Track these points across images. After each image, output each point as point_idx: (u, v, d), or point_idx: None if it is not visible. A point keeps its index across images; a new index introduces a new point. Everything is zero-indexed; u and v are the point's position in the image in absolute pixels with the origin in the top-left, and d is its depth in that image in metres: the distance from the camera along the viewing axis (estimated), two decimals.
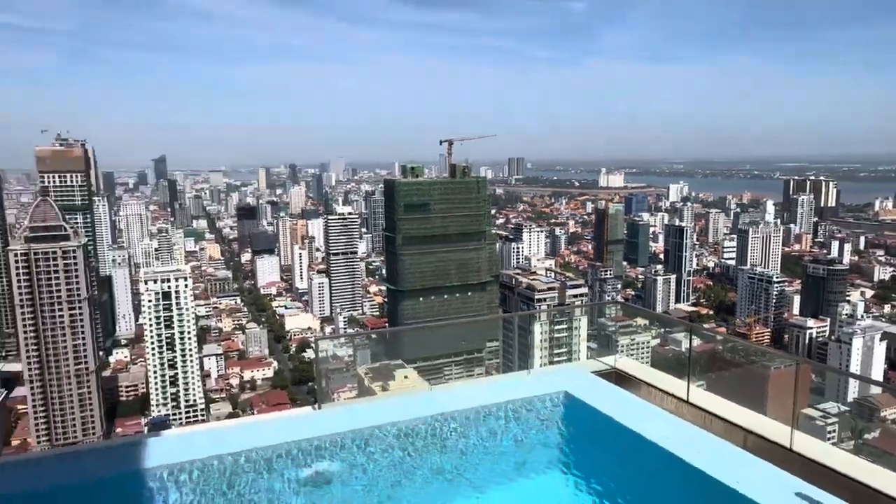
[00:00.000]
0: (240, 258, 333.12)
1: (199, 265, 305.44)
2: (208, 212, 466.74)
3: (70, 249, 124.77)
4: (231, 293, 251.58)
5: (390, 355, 58.87)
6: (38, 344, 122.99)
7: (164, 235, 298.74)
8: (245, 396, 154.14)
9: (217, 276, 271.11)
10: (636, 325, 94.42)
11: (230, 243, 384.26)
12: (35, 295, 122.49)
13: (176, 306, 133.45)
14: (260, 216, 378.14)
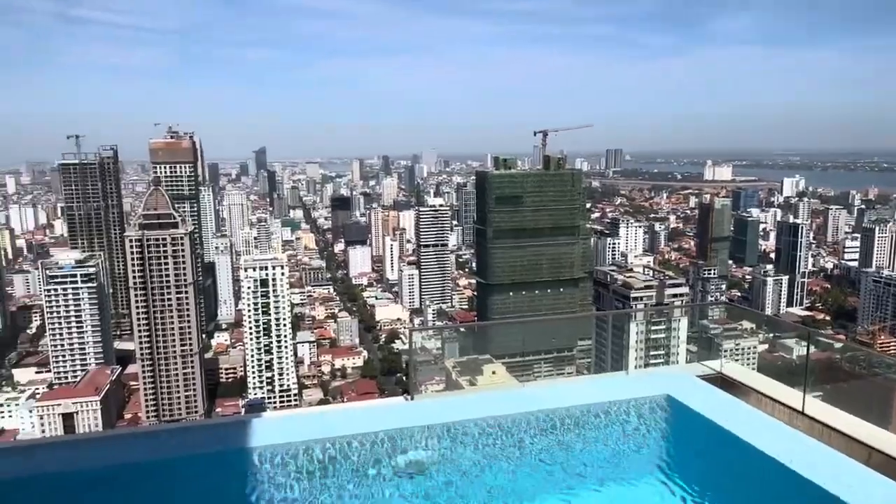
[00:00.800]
0: (333, 248, 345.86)
1: (294, 254, 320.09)
2: (304, 202, 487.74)
3: (178, 236, 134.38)
4: (324, 282, 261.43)
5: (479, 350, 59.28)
6: (149, 325, 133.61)
7: (262, 225, 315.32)
8: (335, 384, 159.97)
9: (311, 265, 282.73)
10: (741, 329, 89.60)
11: (324, 233, 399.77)
12: (147, 278, 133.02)
13: (273, 293, 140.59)
14: (353, 207, 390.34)
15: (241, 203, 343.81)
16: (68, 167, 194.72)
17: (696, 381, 10.77)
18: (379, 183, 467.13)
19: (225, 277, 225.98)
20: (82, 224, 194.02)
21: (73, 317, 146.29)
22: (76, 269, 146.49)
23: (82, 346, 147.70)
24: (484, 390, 10.94)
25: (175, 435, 8.50)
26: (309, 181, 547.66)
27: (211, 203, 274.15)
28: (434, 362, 42.58)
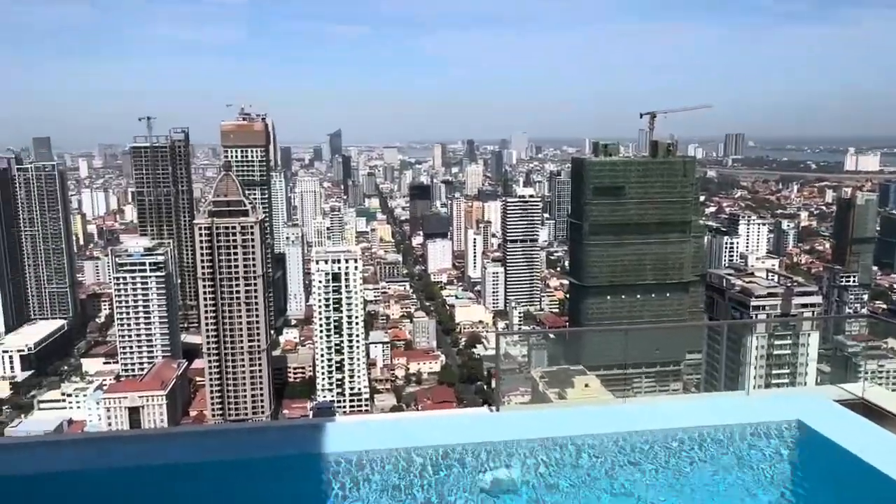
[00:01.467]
0: (410, 241, 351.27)
1: (369, 246, 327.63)
2: (381, 190, 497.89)
3: (248, 225, 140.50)
4: (400, 278, 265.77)
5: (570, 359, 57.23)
6: (217, 318, 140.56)
7: (336, 214, 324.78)
8: (410, 390, 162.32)
9: (387, 259, 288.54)
10: (886, 348, 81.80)
11: (401, 224, 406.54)
12: (216, 269, 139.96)
13: (345, 289, 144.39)
14: (434, 196, 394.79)
15: (313, 190, 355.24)
16: (139, 150, 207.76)
17: (833, 406, 10.12)
18: (462, 170, 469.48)
19: (295, 270, 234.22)
20: (152, 210, 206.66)
21: (140, 307, 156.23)
22: (145, 257, 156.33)
23: (150, 338, 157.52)
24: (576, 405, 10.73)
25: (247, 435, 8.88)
26: (386, 167, 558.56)
27: (282, 190, 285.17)
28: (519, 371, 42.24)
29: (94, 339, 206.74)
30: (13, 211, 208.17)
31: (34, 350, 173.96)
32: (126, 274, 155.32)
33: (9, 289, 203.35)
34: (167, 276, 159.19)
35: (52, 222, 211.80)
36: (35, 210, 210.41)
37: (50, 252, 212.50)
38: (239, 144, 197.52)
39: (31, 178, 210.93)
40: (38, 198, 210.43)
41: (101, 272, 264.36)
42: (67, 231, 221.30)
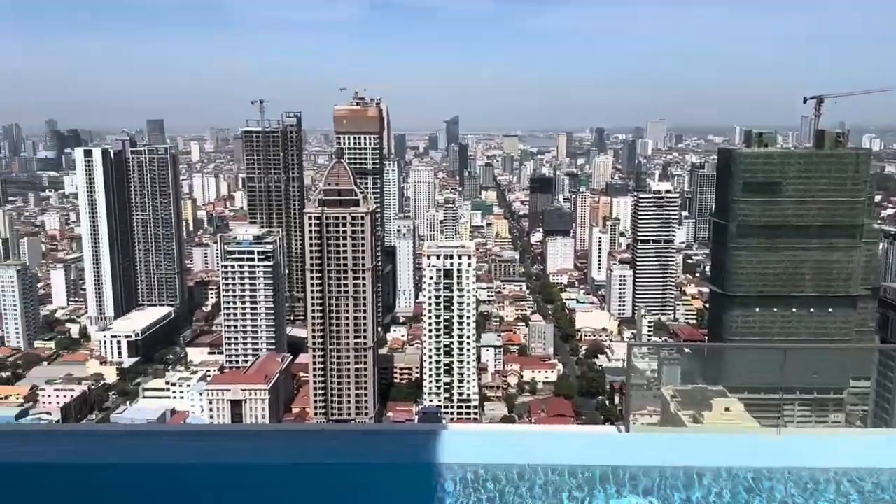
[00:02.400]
0: (529, 238, 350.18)
1: (484, 242, 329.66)
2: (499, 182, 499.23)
3: (359, 216, 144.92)
4: (516, 278, 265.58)
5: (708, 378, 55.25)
6: (323, 312, 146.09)
7: (450, 207, 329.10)
8: (523, 399, 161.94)
9: (503, 256, 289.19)
10: None
11: (519, 220, 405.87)
12: (324, 260, 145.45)
13: (457, 287, 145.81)
14: (556, 190, 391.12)
15: (427, 181, 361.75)
16: (251, 135, 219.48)
17: None
18: (589, 161, 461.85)
19: (406, 264, 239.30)
20: (262, 197, 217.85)
21: (248, 297, 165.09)
22: (254, 245, 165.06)
23: (255, 330, 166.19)
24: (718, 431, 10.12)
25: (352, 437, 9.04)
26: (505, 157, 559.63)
27: (395, 179, 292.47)
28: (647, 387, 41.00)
29: (200, 328, 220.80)
30: (127, 194, 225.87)
31: (141, 336, 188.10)
32: (234, 262, 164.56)
33: (119, 273, 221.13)
34: (275, 267, 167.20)
35: (163, 207, 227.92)
36: (147, 194, 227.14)
37: (160, 237, 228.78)
38: (352, 131, 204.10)
39: (145, 162, 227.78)
40: (150, 181, 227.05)
41: (210, 259, 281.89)
42: (178, 216, 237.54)
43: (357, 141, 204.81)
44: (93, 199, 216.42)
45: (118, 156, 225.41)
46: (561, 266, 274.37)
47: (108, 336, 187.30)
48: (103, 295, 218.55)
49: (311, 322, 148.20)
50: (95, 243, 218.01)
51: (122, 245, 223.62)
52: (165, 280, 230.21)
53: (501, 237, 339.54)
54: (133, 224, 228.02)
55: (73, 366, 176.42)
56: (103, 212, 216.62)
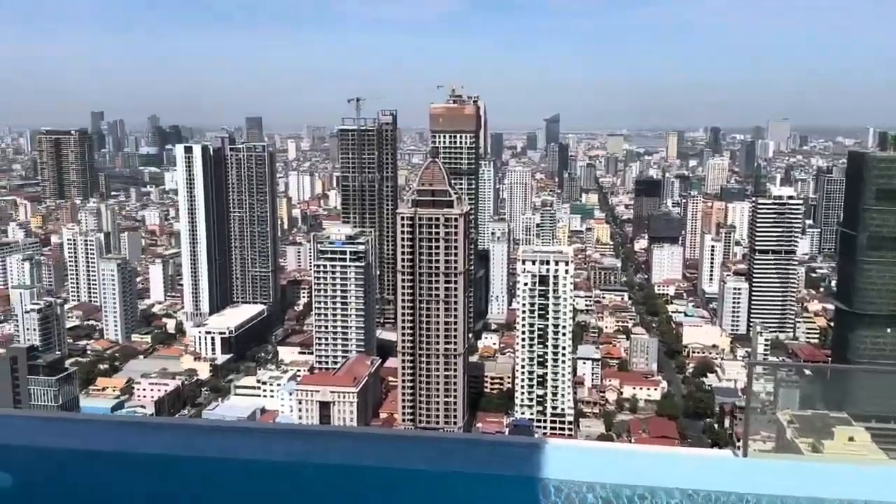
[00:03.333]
0: (632, 245, 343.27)
1: (583, 248, 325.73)
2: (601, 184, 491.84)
3: (452, 217, 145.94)
4: (618, 287, 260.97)
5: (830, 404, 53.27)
6: (413, 315, 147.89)
7: (547, 210, 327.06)
8: (621, 418, 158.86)
9: (603, 263, 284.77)
10: None
11: (622, 225, 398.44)
12: (415, 262, 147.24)
13: (553, 294, 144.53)
14: (664, 193, 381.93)
15: (524, 182, 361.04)
16: (346, 133, 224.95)
17: None
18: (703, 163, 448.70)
19: (499, 269, 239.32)
20: (356, 196, 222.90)
21: (339, 297, 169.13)
22: (346, 245, 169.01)
23: (345, 331, 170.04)
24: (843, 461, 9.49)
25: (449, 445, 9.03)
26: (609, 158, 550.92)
27: (491, 180, 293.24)
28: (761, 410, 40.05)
29: (292, 328, 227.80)
30: (225, 191, 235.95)
31: (234, 333, 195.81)
32: (326, 262, 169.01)
33: (215, 270, 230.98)
34: (366, 267, 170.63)
35: (259, 204, 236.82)
36: (244, 191, 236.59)
37: (255, 235, 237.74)
38: (448, 129, 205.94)
39: (243, 159, 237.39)
40: (247, 179, 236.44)
41: (303, 258, 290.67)
42: (273, 214, 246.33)
43: (452, 140, 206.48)
44: (192, 195, 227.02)
45: (217, 153, 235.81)
46: (667, 276, 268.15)
47: (203, 332, 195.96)
48: (199, 291, 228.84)
49: (401, 325, 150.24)
50: (193, 239, 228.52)
51: (219, 242, 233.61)
52: (259, 278, 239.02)
53: (602, 243, 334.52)
54: (230, 221, 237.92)
55: (167, 360, 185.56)
56: (201, 208, 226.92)
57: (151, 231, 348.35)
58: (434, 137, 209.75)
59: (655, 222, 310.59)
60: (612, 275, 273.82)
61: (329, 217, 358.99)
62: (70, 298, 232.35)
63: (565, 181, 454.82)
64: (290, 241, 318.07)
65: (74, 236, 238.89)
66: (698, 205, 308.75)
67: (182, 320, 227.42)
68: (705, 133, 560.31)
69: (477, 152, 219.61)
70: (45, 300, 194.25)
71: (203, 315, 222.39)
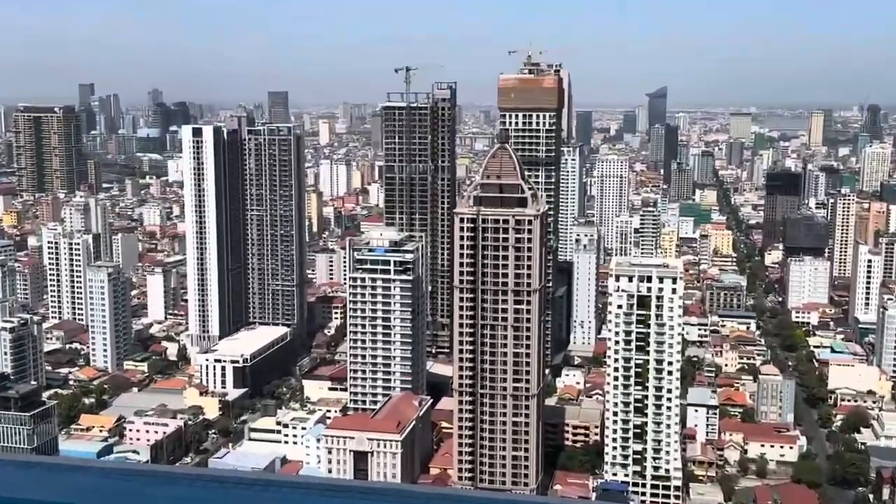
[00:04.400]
0: (762, 257, 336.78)
1: (696, 261, 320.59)
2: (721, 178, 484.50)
3: (525, 219, 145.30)
4: (742, 313, 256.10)
5: None
6: (474, 345, 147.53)
7: (650, 211, 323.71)
8: (746, 483, 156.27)
9: (723, 282, 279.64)
10: None
11: (749, 231, 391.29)
12: (477, 277, 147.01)
13: (656, 320, 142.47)
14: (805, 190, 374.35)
15: (620, 174, 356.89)
16: (392, 112, 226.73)
17: None
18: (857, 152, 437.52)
19: (585, 287, 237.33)
20: (403, 191, 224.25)
21: (379, 319, 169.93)
22: (390, 254, 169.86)
23: (387, 362, 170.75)
24: None
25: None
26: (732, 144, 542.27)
27: (576, 172, 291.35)
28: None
29: (321, 356, 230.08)
30: (241, 184, 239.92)
31: (250, 363, 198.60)
32: (365, 275, 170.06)
33: (228, 282, 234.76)
34: (415, 282, 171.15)
35: (283, 201, 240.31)
36: (265, 184, 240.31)
37: (278, 239, 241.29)
38: (521, 107, 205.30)
39: (264, 144, 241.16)
40: (269, 169, 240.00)
41: (336, 269, 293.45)
42: (300, 214, 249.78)
43: (527, 121, 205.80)
44: (201, 188, 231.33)
45: (233, 136, 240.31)
46: (809, 299, 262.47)
47: (212, 360, 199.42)
48: (208, 308, 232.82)
49: (459, 357, 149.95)
50: (201, 244, 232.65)
51: (233, 247, 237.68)
52: (282, 293, 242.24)
53: (722, 255, 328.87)
54: (247, 222, 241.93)
55: (167, 394, 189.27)
56: (212, 205, 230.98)
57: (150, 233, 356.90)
58: (503, 117, 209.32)
59: (793, 229, 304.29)
60: (734, 296, 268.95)
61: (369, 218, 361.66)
62: (50, 315, 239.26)
63: (673, 174, 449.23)
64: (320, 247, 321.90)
65: (56, 238, 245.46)
66: (851, 206, 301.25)
67: (186, 345, 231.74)
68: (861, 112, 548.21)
69: (559, 136, 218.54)
70: (18, 317, 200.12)
71: (212, 339, 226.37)
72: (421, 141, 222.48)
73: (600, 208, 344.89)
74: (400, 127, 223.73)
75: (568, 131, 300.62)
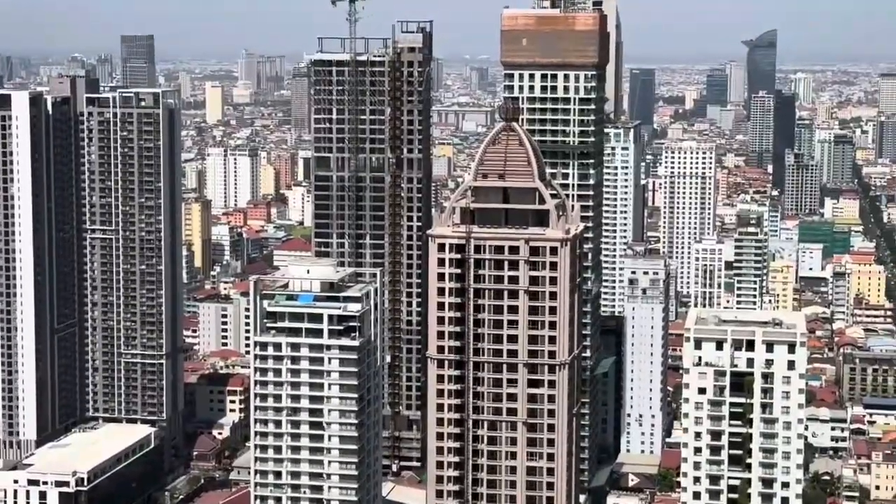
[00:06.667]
0: None
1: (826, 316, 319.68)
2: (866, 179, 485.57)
3: (544, 247, 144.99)
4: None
5: None
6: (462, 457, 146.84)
7: (751, 234, 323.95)
8: None
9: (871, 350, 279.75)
10: None
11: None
12: (467, 341, 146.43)
13: (762, 414, 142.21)
14: None
15: (701, 173, 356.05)
16: (327, 70, 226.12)
17: None
18: None
19: (646, 359, 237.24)
20: (344, 200, 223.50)
21: (305, 413, 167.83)
22: (322, 303, 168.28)
23: (317, 485, 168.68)
24: None
25: None
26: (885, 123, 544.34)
27: (629, 170, 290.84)
28: None
29: (206, 473, 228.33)
30: (76, 188, 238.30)
31: (87, 486, 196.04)
32: (282, 339, 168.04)
33: (51, 351, 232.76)
34: (364, 352, 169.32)
35: (144, 216, 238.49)
36: (115, 189, 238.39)
37: (136, 280, 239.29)
38: (540, 63, 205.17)
39: (113, 122, 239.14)
40: (122, 163, 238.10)
41: (233, 330, 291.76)
42: (174, 238, 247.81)
43: (550, 85, 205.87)
44: (7, 195, 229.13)
45: (62, 109, 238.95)
46: None
47: (23, 481, 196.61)
48: (17, 396, 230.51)
49: (437, 476, 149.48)
50: (7, 288, 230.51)
51: (61, 293, 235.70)
52: (142, 369, 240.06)
53: (871, 307, 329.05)
54: (84, 250, 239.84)
55: None
56: (27, 223, 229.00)
57: None
58: (511, 79, 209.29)
59: None
60: (891, 374, 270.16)
61: (288, 243, 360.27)
62: None
63: (789, 172, 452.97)
64: (206, 292, 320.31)
65: None
66: None
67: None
68: None
69: (601, 111, 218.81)
70: None
71: (25, 446, 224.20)
72: (374, 117, 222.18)
73: (670, 229, 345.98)
74: (339, 95, 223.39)
75: (617, 103, 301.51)
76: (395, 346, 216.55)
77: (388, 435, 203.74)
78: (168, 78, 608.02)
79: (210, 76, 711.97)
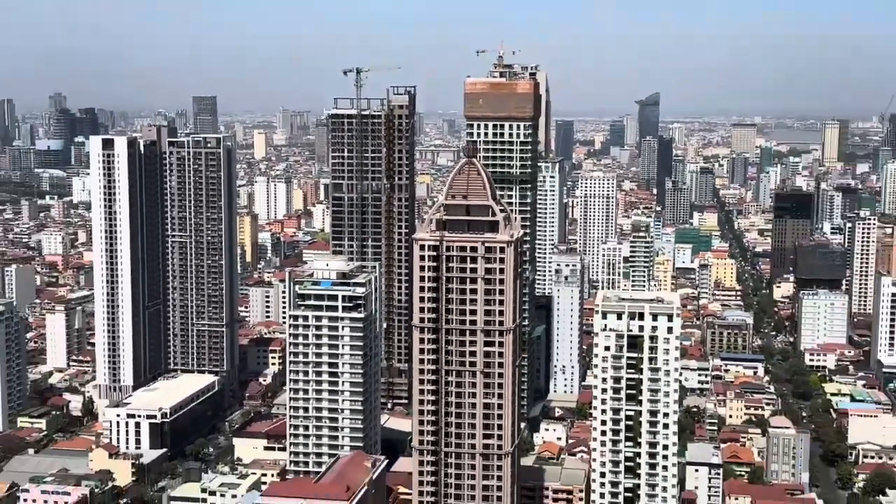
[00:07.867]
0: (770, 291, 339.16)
1: (694, 295, 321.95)
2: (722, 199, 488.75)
3: (495, 246, 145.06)
4: (748, 356, 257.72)
5: None
6: (437, 395, 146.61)
7: (641, 237, 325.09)
8: None
9: (726, 319, 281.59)
10: None
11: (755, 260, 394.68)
12: (440, 315, 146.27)
13: (649, 365, 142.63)
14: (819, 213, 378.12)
15: (606, 195, 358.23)
16: (340, 121, 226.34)
17: None
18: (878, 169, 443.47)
19: (567, 326, 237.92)
20: (353, 214, 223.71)
21: (325, 365, 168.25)
22: (338, 287, 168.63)
23: (334, 416, 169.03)
24: None
25: None
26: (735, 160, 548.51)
27: (556, 192, 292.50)
28: None
29: (255, 410, 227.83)
30: (161, 206, 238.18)
31: (170, 418, 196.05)
32: (308, 312, 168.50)
33: (143, 322, 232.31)
34: (367, 321, 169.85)
35: (210, 226, 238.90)
36: (189, 206, 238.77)
37: (204, 270, 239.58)
38: (492, 116, 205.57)
39: (188, 158, 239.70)
40: (194, 187, 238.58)
41: (274, 306, 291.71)
42: (231, 241, 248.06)
43: (499, 131, 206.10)
44: (112, 211, 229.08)
45: (150, 149, 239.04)
46: (825, 339, 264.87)
47: (124, 415, 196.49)
48: (119, 353, 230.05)
49: (419, 410, 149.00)
50: (112, 277, 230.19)
51: (150, 280, 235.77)
52: (209, 335, 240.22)
53: (725, 288, 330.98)
54: (167, 250, 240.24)
55: (70, 457, 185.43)
56: (126, 231, 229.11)
57: (51, 263, 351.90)
58: (471, 127, 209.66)
59: (806, 257, 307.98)
60: (739, 336, 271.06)
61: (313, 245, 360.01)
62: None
63: (668, 193, 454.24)
64: (254, 280, 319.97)
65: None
66: (871, 231, 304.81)
67: (93, 397, 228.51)
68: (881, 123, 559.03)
69: (535, 150, 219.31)
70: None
71: (124, 390, 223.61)
72: (374, 155, 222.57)
73: (584, 234, 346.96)
74: (349, 138, 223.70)
75: (546, 144, 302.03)
76: (389, 318, 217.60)
77: (385, 381, 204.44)
78: (226, 126, 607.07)
79: (256, 125, 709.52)
